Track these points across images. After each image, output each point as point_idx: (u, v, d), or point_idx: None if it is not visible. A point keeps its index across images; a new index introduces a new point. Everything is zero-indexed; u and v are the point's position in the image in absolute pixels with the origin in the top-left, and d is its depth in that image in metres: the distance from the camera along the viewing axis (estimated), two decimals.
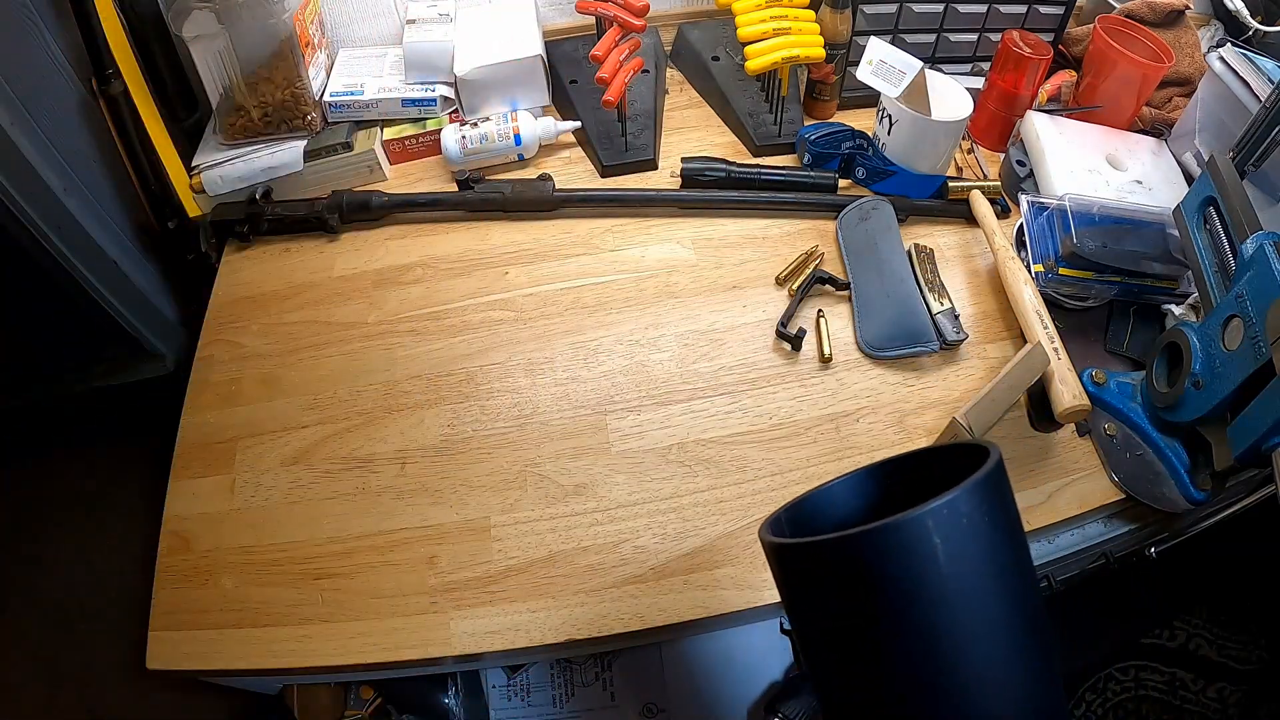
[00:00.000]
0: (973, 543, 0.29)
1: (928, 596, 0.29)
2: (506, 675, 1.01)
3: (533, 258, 0.85)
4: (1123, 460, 0.68)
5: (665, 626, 0.61)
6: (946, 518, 0.29)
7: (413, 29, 0.93)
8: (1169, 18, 0.91)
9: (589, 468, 0.69)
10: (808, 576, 0.32)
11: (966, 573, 0.29)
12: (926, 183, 0.87)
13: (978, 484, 0.29)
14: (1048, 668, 0.32)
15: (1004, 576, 0.30)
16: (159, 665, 0.61)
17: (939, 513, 0.28)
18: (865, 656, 0.31)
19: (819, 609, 0.32)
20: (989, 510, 0.30)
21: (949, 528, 0.29)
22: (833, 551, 0.30)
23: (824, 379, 0.75)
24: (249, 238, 0.87)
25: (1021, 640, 0.31)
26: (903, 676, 0.30)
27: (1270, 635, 1.19)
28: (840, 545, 0.29)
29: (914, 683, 0.30)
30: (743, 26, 0.86)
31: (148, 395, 1.08)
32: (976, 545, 0.30)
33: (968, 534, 0.29)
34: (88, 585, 1.20)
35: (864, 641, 0.30)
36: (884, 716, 0.31)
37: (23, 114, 0.83)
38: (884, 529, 0.28)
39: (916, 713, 0.30)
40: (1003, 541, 0.31)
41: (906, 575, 0.29)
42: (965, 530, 0.29)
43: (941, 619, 0.29)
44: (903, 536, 0.29)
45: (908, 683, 0.30)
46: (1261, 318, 0.56)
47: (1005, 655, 0.30)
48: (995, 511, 0.30)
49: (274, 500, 0.69)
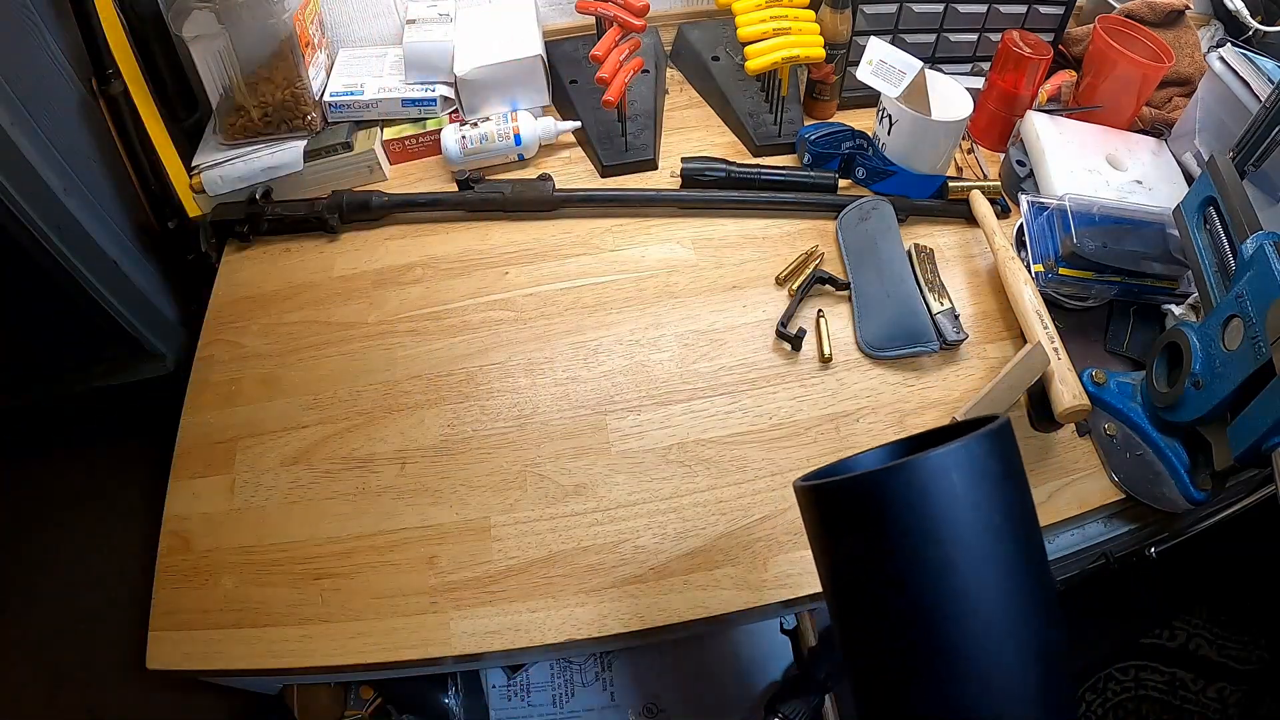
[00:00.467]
0: (985, 483, 0.33)
1: (945, 532, 0.32)
2: (506, 675, 1.01)
3: (533, 258, 0.85)
4: (1123, 460, 0.68)
5: (665, 626, 0.61)
6: (963, 458, 0.33)
7: (413, 29, 0.93)
8: (1169, 18, 0.91)
9: (589, 468, 0.69)
10: (838, 515, 0.35)
11: (979, 511, 0.33)
12: (926, 183, 0.87)
13: (989, 433, 0.34)
14: (1053, 613, 0.35)
15: (1013, 520, 0.34)
16: (159, 665, 0.61)
17: (957, 453, 0.32)
18: (889, 594, 0.34)
19: (847, 549, 0.35)
20: (999, 458, 0.34)
21: (965, 468, 0.33)
22: (862, 487, 0.34)
23: (824, 379, 0.75)
24: (249, 238, 0.87)
25: (1030, 583, 0.34)
26: (922, 614, 0.33)
27: (1270, 635, 1.19)
28: (869, 481, 0.33)
29: (931, 621, 0.33)
30: (743, 26, 0.86)
31: (148, 395, 1.08)
32: (988, 486, 0.33)
33: (981, 475, 0.33)
34: (88, 585, 1.20)
35: (889, 578, 0.33)
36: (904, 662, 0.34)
37: (23, 114, 0.83)
38: (908, 465, 0.32)
39: (932, 653, 0.33)
40: (1012, 488, 0.34)
41: (926, 510, 0.32)
42: (979, 472, 0.33)
43: (958, 555, 0.32)
44: (924, 474, 0.32)
45: (926, 621, 0.33)
46: (1261, 318, 0.56)
47: (1014, 596, 0.33)
48: (1004, 460, 0.34)
49: (274, 500, 0.69)
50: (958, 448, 0.33)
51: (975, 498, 0.33)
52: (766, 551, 0.64)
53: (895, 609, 0.33)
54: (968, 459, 0.33)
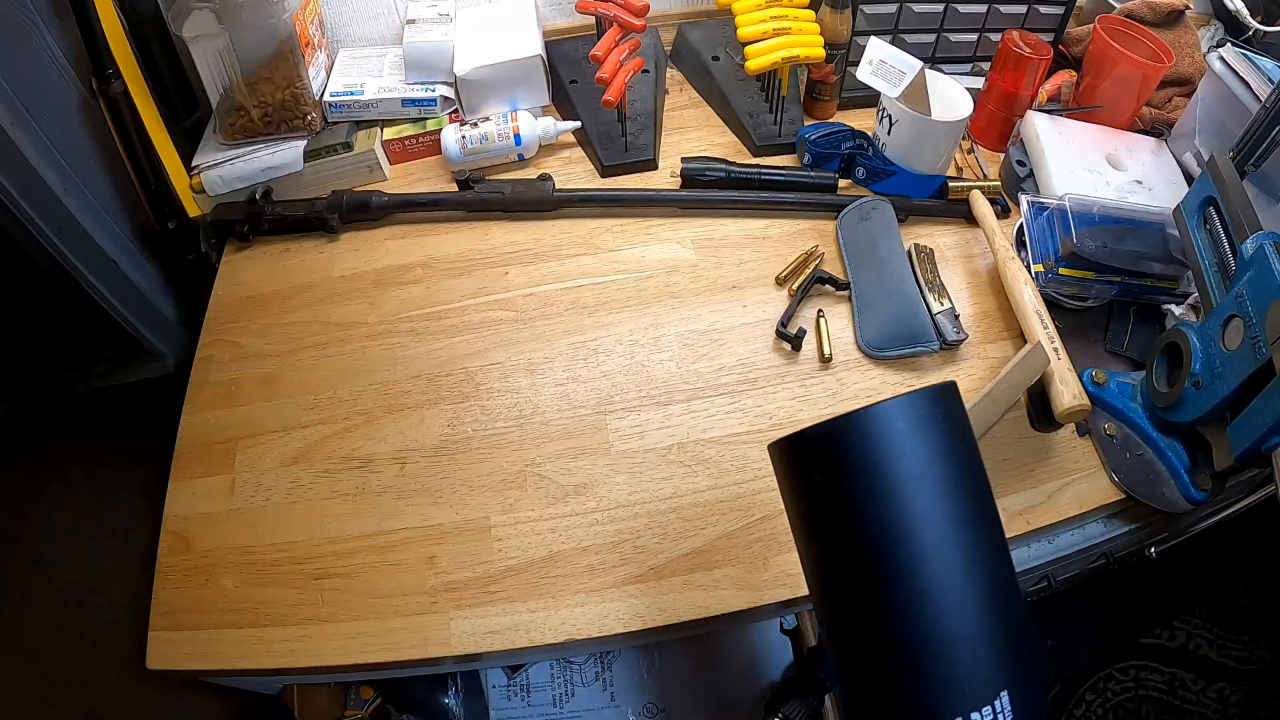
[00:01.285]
0: (930, 431, 0.38)
1: (897, 476, 0.37)
2: (506, 675, 1.01)
3: (533, 258, 0.85)
4: (1123, 460, 0.68)
5: (665, 626, 0.61)
6: (907, 409, 0.38)
7: (413, 29, 0.93)
8: (1169, 18, 0.91)
9: (589, 468, 0.69)
10: (804, 466, 0.40)
11: (925, 460, 0.38)
12: (926, 183, 0.87)
13: (931, 390, 0.39)
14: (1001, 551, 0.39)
15: (960, 470, 0.39)
16: (159, 665, 0.61)
17: (900, 403, 0.38)
18: (850, 529, 0.38)
19: (815, 504, 0.40)
20: (944, 411, 0.39)
21: (909, 418, 0.38)
22: (822, 436, 0.39)
23: (824, 379, 0.75)
24: (249, 238, 0.87)
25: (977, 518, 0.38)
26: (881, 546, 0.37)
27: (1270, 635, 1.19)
28: (828, 430, 0.38)
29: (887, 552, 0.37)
30: (743, 26, 0.86)
31: (148, 395, 1.08)
32: (932, 435, 0.38)
33: (926, 425, 0.38)
34: (88, 585, 1.20)
35: (849, 517, 0.38)
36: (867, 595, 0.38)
37: (23, 114, 0.83)
38: (862, 413, 0.37)
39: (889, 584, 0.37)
40: (957, 440, 0.39)
41: (879, 454, 0.37)
42: (923, 422, 0.38)
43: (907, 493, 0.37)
44: (874, 421, 0.38)
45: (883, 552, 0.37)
46: (1261, 318, 0.56)
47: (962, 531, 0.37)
48: (948, 414, 0.39)
49: (274, 500, 0.69)
50: (901, 398, 0.38)
51: (919, 443, 0.38)
52: (766, 551, 0.64)
53: (857, 544, 0.38)
54: (910, 409, 0.38)
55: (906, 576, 0.36)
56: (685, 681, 0.99)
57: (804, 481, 0.40)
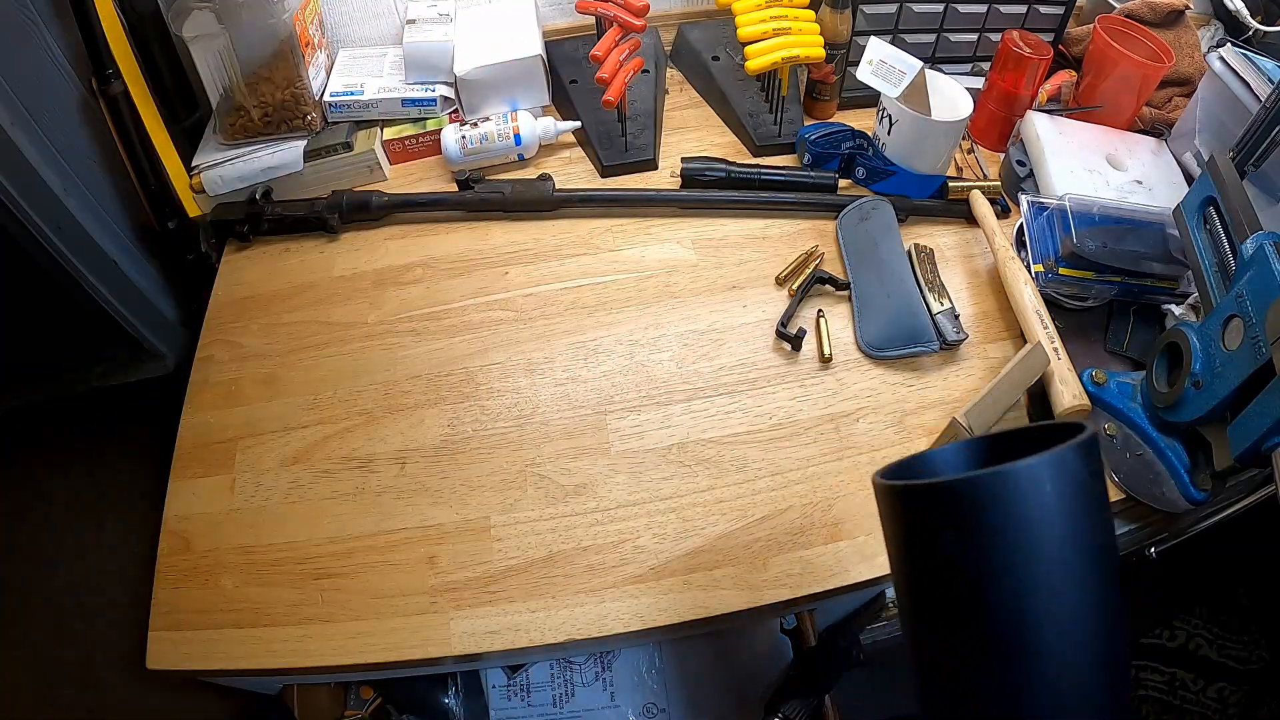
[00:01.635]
0: (1080, 494, 0.33)
1: (1032, 543, 0.32)
2: (506, 675, 1.01)
3: (533, 258, 0.85)
4: (1123, 460, 0.68)
5: (665, 626, 0.61)
6: (1057, 468, 0.33)
7: (413, 29, 0.93)
8: (1169, 18, 0.91)
9: (589, 468, 0.69)
10: (930, 521, 0.35)
11: (1070, 526, 0.33)
12: (926, 183, 0.87)
13: (1082, 444, 0.33)
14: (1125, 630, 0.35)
15: (1106, 538, 0.34)
16: (159, 665, 0.61)
17: (1050, 462, 0.32)
18: (967, 603, 0.34)
19: (932, 554, 0.35)
20: (1092, 469, 0.34)
21: (1058, 480, 0.33)
22: (957, 491, 0.34)
23: (824, 379, 0.75)
24: (249, 238, 0.87)
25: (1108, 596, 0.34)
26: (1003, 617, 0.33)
27: (1270, 635, 1.19)
28: (965, 486, 0.33)
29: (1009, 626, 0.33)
30: (743, 26, 0.86)
31: (148, 395, 1.08)
32: (1083, 499, 0.33)
33: (1075, 487, 0.33)
34: (88, 585, 1.20)
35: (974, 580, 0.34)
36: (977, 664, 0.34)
37: (23, 114, 0.83)
38: (1009, 470, 0.32)
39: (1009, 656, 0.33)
40: (1099, 504, 0.34)
41: (1018, 519, 0.32)
42: (1073, 484, 0.33)
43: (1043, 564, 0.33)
44: (1021, 481, 0.32)
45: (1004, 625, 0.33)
46: (1261, 318, 0.56)
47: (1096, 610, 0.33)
48: (1096, 473, 0.34)
49: (274, 500, 0.69)
50: (1052, 456, 0.32)
51: (1066, 508, 0.33)
52: (766, 551, 0.64)
53: (976, 609, 0.34)
54: (1060, 468, 0.33)
55: (1031, 659, 0.33)
56: (685, 681, 0.99)
57: (927, 537, 0.36)
